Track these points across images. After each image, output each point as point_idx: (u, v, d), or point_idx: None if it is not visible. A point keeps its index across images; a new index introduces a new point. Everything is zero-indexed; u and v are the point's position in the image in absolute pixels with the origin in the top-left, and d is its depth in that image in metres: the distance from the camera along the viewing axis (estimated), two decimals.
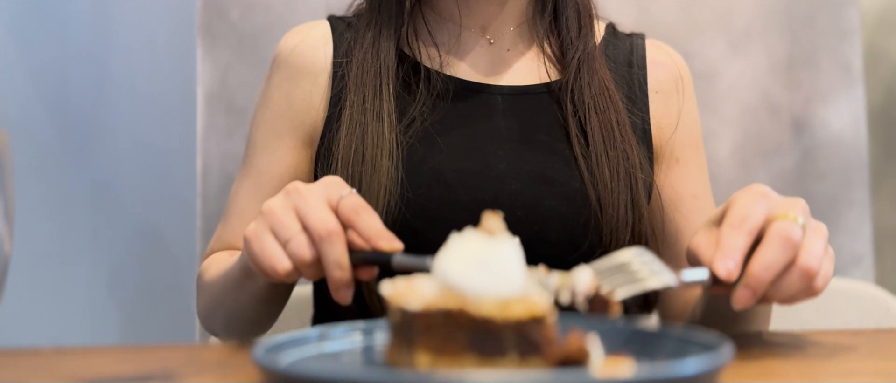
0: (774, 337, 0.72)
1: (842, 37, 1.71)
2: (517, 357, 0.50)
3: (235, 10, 1.64)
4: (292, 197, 0.69)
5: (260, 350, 0.52)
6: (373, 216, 0.68)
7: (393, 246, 0.67)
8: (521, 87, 0.99)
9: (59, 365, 0.63)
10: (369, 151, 0.92)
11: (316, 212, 0.67)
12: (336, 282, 0.67)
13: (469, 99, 0.98)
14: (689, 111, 1.04)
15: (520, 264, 0.52)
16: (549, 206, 0.91)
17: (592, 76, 0.97)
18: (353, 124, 0.94)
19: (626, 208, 0.91)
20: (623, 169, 0.92)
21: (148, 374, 0.59)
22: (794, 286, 0.66)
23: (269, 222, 0.69)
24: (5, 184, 0.57)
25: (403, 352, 0.52)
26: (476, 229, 0.54)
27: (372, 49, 0.98)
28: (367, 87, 0.96)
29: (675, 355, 0.53)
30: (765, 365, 0.61)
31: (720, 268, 0.65)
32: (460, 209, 0.91)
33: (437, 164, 0.93)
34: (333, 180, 0.71)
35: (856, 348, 0.67)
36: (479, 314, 0.49)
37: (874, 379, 0.58)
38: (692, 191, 1.01)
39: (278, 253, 0.68)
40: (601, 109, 0.95)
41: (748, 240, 0.66)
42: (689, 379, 0.46)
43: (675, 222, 1.00)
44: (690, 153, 1.03)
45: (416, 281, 0.54)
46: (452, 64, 1.00)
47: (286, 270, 0.68)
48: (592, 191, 0.91)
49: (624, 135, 0.94)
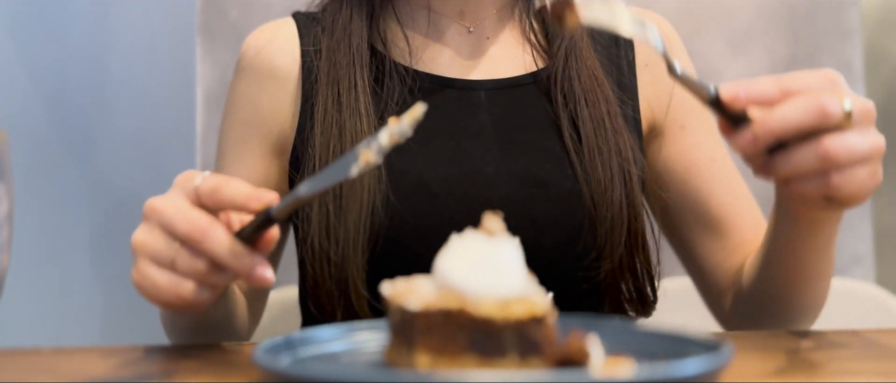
0: (774, 337, 0.72)
1: (842, 37, 1.71)
2: (517, 357, 0.50)
3: (235, 9, 1.64)
4: (152, 217, 0.63)
5: (260, 350, 0.52)
6: (233, 185, 0.62)
7: (263, 201, 0.61)
8: (504, 79, 0.92)
9: (59, 365, 0.63)
10: (349, 149, 0.85)
11: (179, 218, 0.61)
12: (241, 269, 0.61)
13: (449, 96, 0.91)
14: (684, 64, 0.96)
15: (520, 264, 0.52)
16: (543, 210, 0.86)
17: (581, 65, 0.91)
18: (329, 121, 0.88)
19: (621, 206, 0.86)
20: (617, 164, 0.87)
21: (148, 374, 0.59)
22: (805, 163, 0.61)
23: (146, 254, 0.62)
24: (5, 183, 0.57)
25: (403, 353, 0.52)
26: (476, 230, 0.54)
27: (343, 39, 0.91)
28: (340, 81, 0.89)
29: (675, 355, 0.53)
30: (765, 365, 0.61)
31: (725, 89, 0.61)
32: (448, 220, 0.83)
33: (420, 173, 0.86)
34: (182, 177, 0.65)
35: (856, 348, 0.67)
36: (479, 314, 0.49)
37: (874, 379, 0.58)
38: (708, 155, 0.95)
39: (172, 280, 0.61)
40: (592, 101, 0.89)
41: (775, 91, 0.61)
42: (689, 379, 0.46)
43: (697, 188, 0.94)
44: (695, 117, 0.96)
45: (416, 281, 0.54)
46: (429, 58, 0.93)
47: (191, 293, 0.61)
48: (586, 190, 0.86)
49: (616, 127, 0.89)
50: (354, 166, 0.56)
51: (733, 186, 0.95)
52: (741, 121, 0.62)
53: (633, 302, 0.89)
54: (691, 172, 0.95)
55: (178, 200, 0.63)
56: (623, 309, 0.89)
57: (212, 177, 0.63)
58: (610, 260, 0.85)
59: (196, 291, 0.61)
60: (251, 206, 0.61)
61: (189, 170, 0.65)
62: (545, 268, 0.62)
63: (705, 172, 0.95)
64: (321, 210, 0.85)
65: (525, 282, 0.52)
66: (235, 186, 0.62)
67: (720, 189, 0.94)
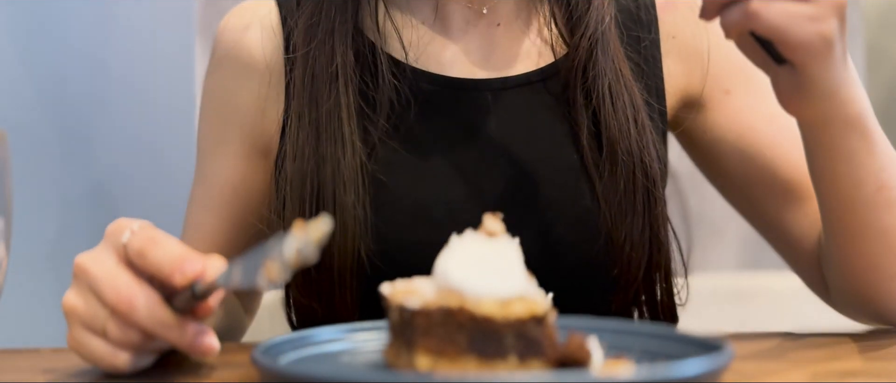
0: (774, 337, 0.72)
1: None
2: (517, 359, 0.50)
3: None
4: (81, 278, 0.57)
5: (260, 350, 0.52)
6: (161, 249, 0.55)
7: (186, 276, 0.54)
8: (515, 77, 0.80)
9: (59, 365, 0.63)
10: (329, 184, 0.74)
11: (105, 284, 0.55)
12: (174, 341, 0.55)
13: (451, 100, 0.79)
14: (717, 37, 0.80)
15: (520, 264, 0.52)
16: (558, 234, 0.76)
17: (607, 61, 0.78)
18: (303, 147, 0.75)
19: (642, 233, 0.76)
20: (641, 183, 0.76)
21: (148, 374, 0.59)
22: None
23: (78, 320, 0.57)
24: (4, 183, 0.57)
25: (403, 353, 0.51)
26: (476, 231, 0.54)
27: (326, 41, 0.78)
28: (320, 99, 0.76)
29: (675, 356, 0.52)
30: (765, 365, 0.61)
31: None
32: None
33: (420, 198, 0.76)
34: (112, 228, 0.58)
35: (856, 348, 0.67)
36: (479, 313, 0.49)
37: (874, 379, 0.58)
38: (764, 114, 0.82)
39: (106, 349, 0.56)
40: (617, 105, 0.77)
41: None
42: (690, 379, 0.46)
43: (759, 156, 0.82)
44: (742, 80, 0.84)
45: (416, 281, 0.54)
46: (430, 51, 0.80)
47: (126, 363, 0.56)
48: (605, 209, 0.76)
49: (642, 138, 0.77)
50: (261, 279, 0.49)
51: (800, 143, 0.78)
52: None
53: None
54: (748, 137, 0.83)
55: (108, 260, 0.56)
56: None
57: (140, 235, 0.56)
58: (624, 291, 0.77)
59: (132, 361, 0.56)
60: (174, 280, 0.54)
61: (120, 220, 0.58)
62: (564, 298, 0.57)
63: (766, 134, 0.82)
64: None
65: (525, 282, 0.52)
66: (162, 251, 0.55)
67: (787, 148, 0.81)
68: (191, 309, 0.56)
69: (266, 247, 0.50)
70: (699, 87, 0.85)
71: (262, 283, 0.49)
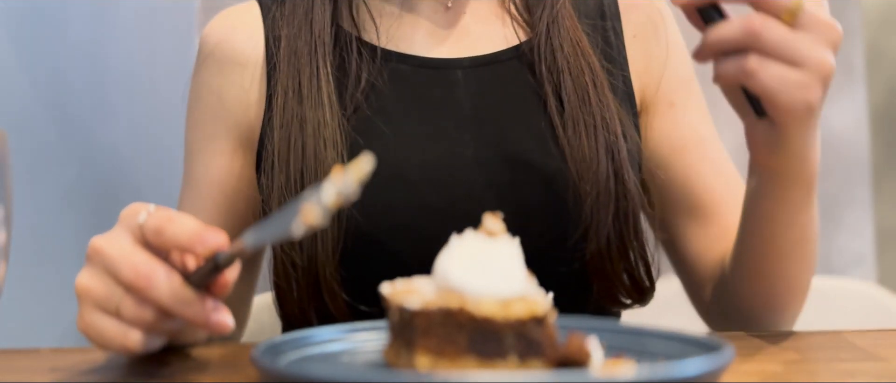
0: (774, 337, 0.72)
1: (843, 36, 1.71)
2: (517, 358, 0.50)
3: None
4: (95, 259, 0.58)
5: (259, 350, 0.52)
6: (178, 225, 0.56)
7: (208, 246, 0.55)
8: (483, 56, 0.86)
9: (59, 365, 0.63)
10: (310, 142, 0.79)
11: (123, 263, 0.56)
12: (192, 317, 0.56)
13: (423, 76, 0.84)
14: (675, 49, 0.91)
15: (520, 264, 0.52)
16: (527, 194, 0.80)
17: (563, 34, 0.84)
18: (289, 114, 0.81)
19: (607, 182, 0.79)
20: (603, 138, 0.81)
21: (148, 374, 0.59)
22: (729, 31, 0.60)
23: (91, 300, 0.57)
24: (5, 183, 0.57)
25: (403, 353, 0.51)
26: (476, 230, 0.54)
27: (305, 24, 0.84)
28: (301, 69, 0.82)
29: (675, 356, 0.53)
30: (765, 366, 0.61)
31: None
32: (426, 210, 0.79)
33: (395, 160, 0.80)
34: (127, 212, 0.59)
35: (856, 348, 0.67)
36: (480, 313, 0.49)
37: (874, 379, 0.58)
38: (695, 135, 0.89)
39: (119, 328, 0.56)
40: (575, 72, 0.83)
41: None
42: (690, 379, 0.46)
43: (683, 170, 0.88)
44: (684, 94, 0.90)
45: (416, 281, 0.54)
46: (401, 37, 0.86)
47: (138, 343, 0.56)
48: (571, 166, 0.80)
49: (602, 99, 0.82)
50: (296, 223, 0.50)
51: (722, 170, 0.89)
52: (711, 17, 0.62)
53: (627, 288, 0.83)
54: (679, 152, 0.89)
55: (123, 240, 0.57)
56: (615, 296, 0.83)
57: (157, 215, 0.57)
58: (596, 240, 0.79)
59: (144, 340, 0.56)
60: (196, 251, 0.55)
61: (135, 204, 0.60)
62: (530, 253, 0.57)
63: (694, 153, 0.89)
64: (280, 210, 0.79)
65: (525, 282, 0.52)
66: (180, 226, 0.56)
67: (708, 172, 0.88)
68: (206, 286, 0.56)
69: (299, 197, 0.50)
70: (652, 92, 0.90)
71: (298, 230, 0.49)
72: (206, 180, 0.88)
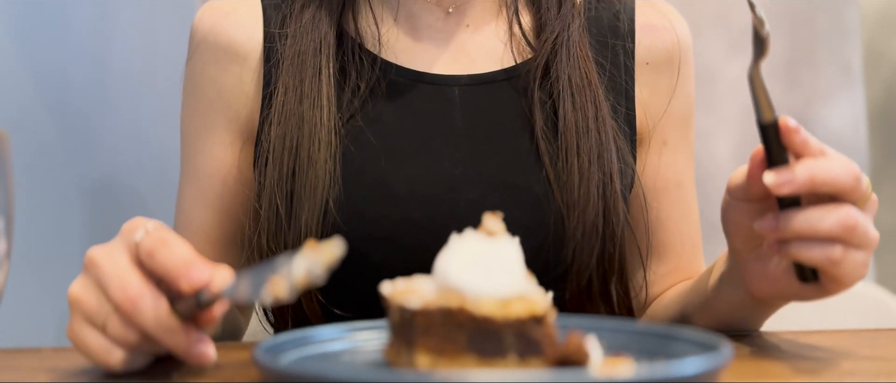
0: (774, 337, 0.72)
1: (842, 37, 1.71)
2: (517, 357, 0.50)
3: None
4: (90, 271, 0.57)
5: (260, 349, 0.52)
6: (170, 251, 0.55)
7: (192, 283, 0.54)
8: (482, 74, 0.84)
9: (59, 365, 0.63)
10: (306, 142, 0.79)
11: (114, 280, 0.55)
12: (173, 346, 0.55)
13: (419, 91, 0.83)
14: (684, 88, 0.90)
15: (520, 264, 0.52)
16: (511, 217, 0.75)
17: (569, 59, 0.82)
18: (286, 113, 0.81)
19: (594, 222, 0.78)
20: (596, 176, 0.79)
21: (148, 374, 0.59)
22: (823, 225, 0.58)
23: (80, 312, 0.57)
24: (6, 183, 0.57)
25: (403, 353, 0.52)
26: (476, 230, 0.54)
27: (311, 25, 0.83)
28: (304, 69, 0.82)
29: (675, 355, 0.53)
30: (764, 366, 0.61)
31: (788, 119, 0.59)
32: (410, 225, 0.78)
33: (383, 174, 0.79)
34: (128, 226, 0.59)
35: (856, 348, 0.67)
36: (479, 313, 0.49)
37: (874, 379, 0.58)
38: (677, 178, 0.89)
39: (102, 344, 0.56)
40: (577, 100, 0.81)
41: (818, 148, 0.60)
42: (689, 379, 0.46)
43: (655, 211, 0.88)
44: (680, 136, 0.90)
45: (416, 281, 0.54)
46: (401, 47, 0.85)
47: (119, 361, 0.56)
48: (558, 195, 0.79)
49: (602, 135, 0.81)
50: (264, 292, 0.50)
51: (688, 216, 0.91)
52: (778, 160, 0.60)
53: None
54: (659, 192, 0.89)
55: (119, 257, 0.57)
56: None
57: (153, 235, 0.57)
58: (577, 281, 0.79)
59: (126, 360, 0.56)
60: (180, 286, 0.54)
61: (136, 218, 0.59)
62: None
63: (670, 195, 0.90)
64: (271, 208, 0.79)
65: (525, 282, 0.52)
66: (171, 254, 0.55)
67: (677, 216, 0.90)
68: (193, 316, 0.56)
69: (274, 262, 0.51)
70: (651, 124, 0.89)
71: (267, 298, 0.50)
72: (207, 172, 0.87)
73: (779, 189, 0.59)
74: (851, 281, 0.62)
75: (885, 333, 0.75)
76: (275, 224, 0.79)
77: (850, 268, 0.61)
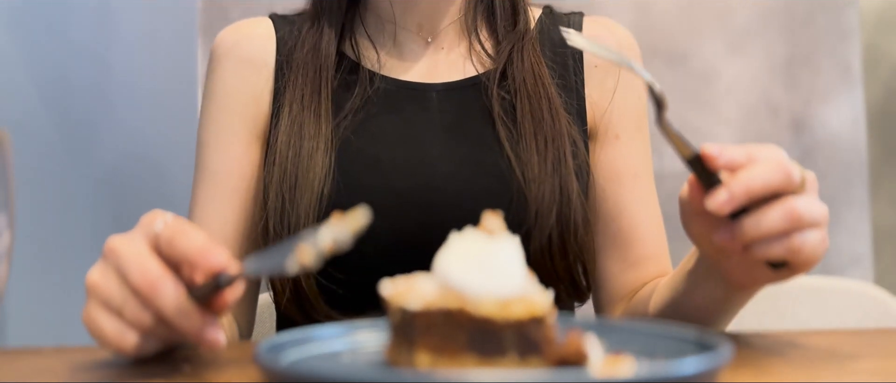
0: (774, 336, 0.72)
1: (841, 37, 1.71)
2: (517, 357, 0.50)
3: (236, 10, 1.64)
4: (109, 258, 0.60)
5: (260, 349, 0.52)
6: (189, 238, 0.59)
7: (212, 265, 0.58)
8: (454, 82, 1.00)
9: (60, 365, 0.64)
10: (306, 145, 0.92)
11: (134, 266, 0.59)
12: (187, 330, 0.59)
13: (406, 95, 0.99)
14: (630, 86, 1.02)
15: (520, 264, 0.53)
16: (480, 186, 0.92)
17: (523, 64, 0.98)
18: (292, 121, 0.94)
19: (552, 189, 0.91)
20: (551, 153, 0.92)
21: (148, 374, 0.59)
22: (773, 223, 0.64)
23: (98, 297, 0.60)
24: (7, 183, 0.57)
25: (403, 352, 0.52)
26: (476, 228, 0.54)
27: (313, 49, 0.98)
28: (307, 86, 0.96)
29: (674, 355, 0.53)
30: (764, 366, 0.61)
31: (708, 147, 0.64)
32: (394, 194, 0.91)
33: (372, 154, 0.93)
34: (147, 217, 0.63)
35: (855, 348, 0.67)
36: (479, 314, 0.50)
37: (874, 379, 0.58)
38: (633, 169, 1.00)
39: (117, 328, 0.59)
40: (532, 96, 0.96)
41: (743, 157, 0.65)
42: (689, 378, 0.46)
43: (614, 199, 0.99)
44: (632, 131, 1.01)
45: (416, 280, 0.54)
46: (390, 65, 1.01)
47: (134, 345, 0.59)
48: (518, 170, 0.92)
49: (556, 121, 0.94)
50: (291, 261, 0.54)
51: (648, 205, 1.00)
52: (713, 182, 0.65)
53: (566, 287, 0.93)
54: (613, 182, 0.99)
55: (139, 244, 0.60)
56: (557, 292, 0.91)
57: (172, 226, 0.60)
58: (538, 239, 0.89)
59: (139, 343, 0.59)
60: (200, 267, 0.58)
61: (154, 211, 0.63)
62: None
63: (627, 185, 0.99)
64: (277, 198, 0.91)
65: (525, 282, 0.52)
66: (190, 241, 0.59)
67: (636, 205, 0.99)
68: (207, 303, 0.59)
69: (297, 237, 0.55)
70: (599, 119, 1.01)
71: (292, 267, 0.53)
72: (223, 170, 0.97)
73: (721, 210, 0.64)
74: (817, 256, 0.67)
75: (884, 333, 0.75)
76: (280, 211, 0.90)
77: (810, 247, 0.65)
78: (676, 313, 0.83)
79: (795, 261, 0.66)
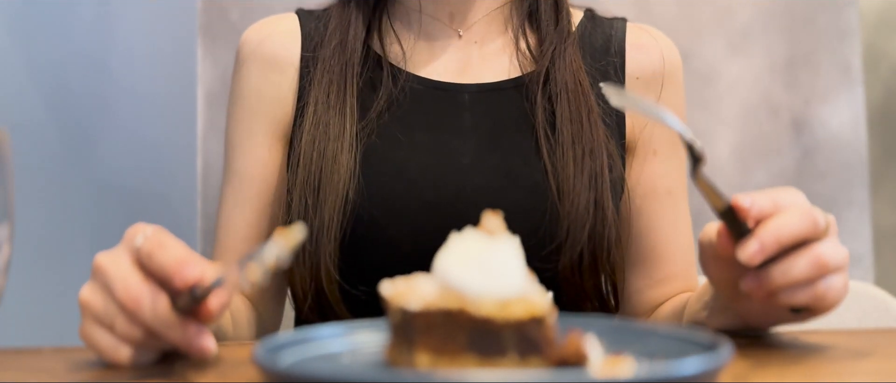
0: (774, 337, 0.72)
1: (841, 37, 1.71)
2: (517, 357, 0.50)
3: (236, 10, 1.64)
4: (97, 276, 0.61)
5: (260, 350, 0.52)
6: (166, 252, 0.59)
7: (185, 279, 0.58)
8: (489, 84, 0.96)
9: (59, 365, 0.64)
10: (331, 146, 0.90)
11: (118, 282, 0.60)
12: (174, 340, 0.59)
13: (436, 97, 0.95)
14: (673, 101, 0.99)
15: (520, 264, 0.53)
16: (511, 199, 0.89)
17: (565, 68, 0.94)
18: (316, 120, 0.92)
19: (587, 205, 0.88)
20: (588, 165, 0.89)
21: (148, 374, 0.59)
22: (800, 271, 0.63)
23: (90, 313, 0.61)
24: (6, 183, 0.57)
25: (403, 352, 0.52)
26: (476, 229, 0.54)
27: (339, 46, 0.95)
28: (332, 83, 0.94)
29: (674, 355, 0.53)
30: (765, 365, 0.61)
31: (740, 198, 0.63)
32: (423, 204, 0.89)
33: (400, 160, 0.91)
34: (130, 232, 0.63)
35: (855, 348, 0.67)
36: (479, 314, 0.49)
37: (874, 379, 0.58)
38: (667, 186, 0.98)
39: (111, 342, 0.60)
40: (572, 103, 0.92)
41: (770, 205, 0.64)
42: (689, 378, 0.46)
43: (647, 216, 0.97)
44: (669, 147, 0.98)
45: (416, 280, 0.54)
46: (419, 62, 0.97)
47: (128, 357, 0.60)
48: (553, 183, 0.89)
49: (594, 131, 0.91)
50: (242, 279, 0.55)
51: (679, 224, 0.98)
52: (743, 232, 0.64)
53: (593, 305, 0.91)
54: (648, 199, 0.97)
55: (122, 261, 0.61)
56: (585, 309, 0.90)
57: (151, 239, 0.61)
58: (570, 254, 0.87)
59: (133, 355, 0.60)
60: (174, 283, 0.58)
61: (137, 224, 0.64)
62: None
63: (660, 203, 0.97)
64: (300, 202, 0.90)
65: (525, 282, 0.52)
66: (168, 254, 0.59)
67: (667, 223, 0.97)
68: (192, 312, 0.59)
69: (254, 251, 0.55)
70: (638, 134, 0.98)
71: (245, 284, 0.55)
72: (248, 173, 0.97)
73: (752, 261, 0.63)
74: (839, 301, 0.67)
75: (884, 333, 0.75)
76: (303, 214, 0.89)
77: (834, 293, 0.65)
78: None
79: (818, 306, 0.66)
